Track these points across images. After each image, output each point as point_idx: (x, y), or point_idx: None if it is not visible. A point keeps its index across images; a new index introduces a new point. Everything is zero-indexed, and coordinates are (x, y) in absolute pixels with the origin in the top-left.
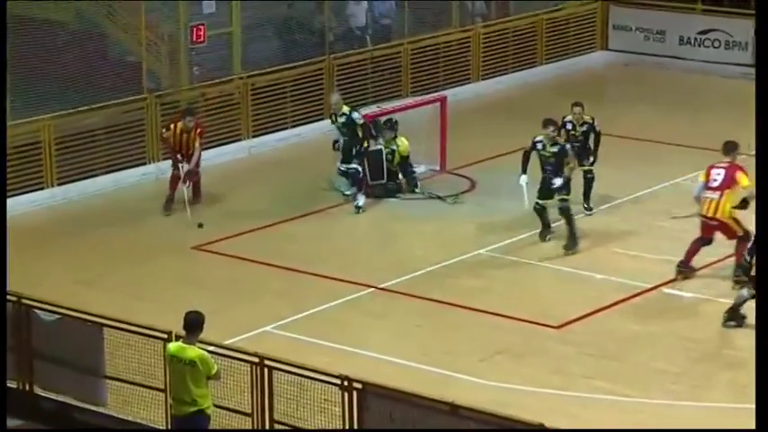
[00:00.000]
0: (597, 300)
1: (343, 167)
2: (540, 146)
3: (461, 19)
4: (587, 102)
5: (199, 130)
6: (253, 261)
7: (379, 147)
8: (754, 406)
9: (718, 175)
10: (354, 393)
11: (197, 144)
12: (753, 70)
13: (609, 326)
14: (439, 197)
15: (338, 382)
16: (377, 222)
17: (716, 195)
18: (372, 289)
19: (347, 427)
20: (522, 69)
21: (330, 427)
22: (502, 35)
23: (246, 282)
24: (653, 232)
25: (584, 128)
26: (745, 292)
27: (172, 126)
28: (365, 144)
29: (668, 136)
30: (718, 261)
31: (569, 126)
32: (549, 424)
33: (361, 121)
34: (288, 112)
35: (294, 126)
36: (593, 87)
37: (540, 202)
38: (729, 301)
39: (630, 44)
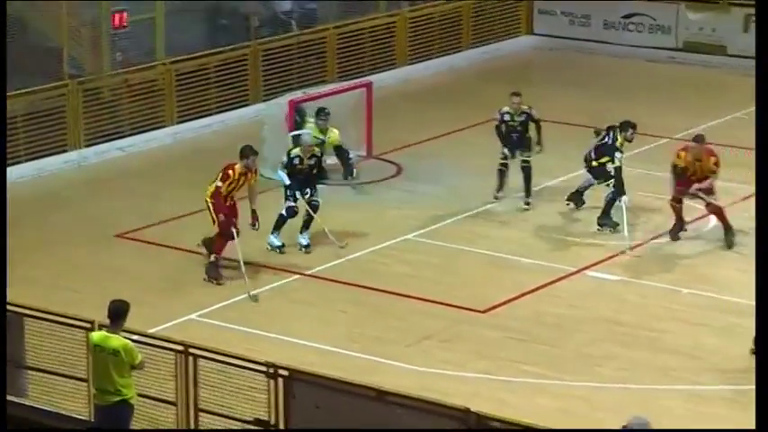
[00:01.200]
0: (524, 284)
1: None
2: (507, 117)
3: (387, 3)
4: (513, 86)
5: (255, 169)
6: (177, 249)
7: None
8: (680, 387)
9: None
10: (281, 381)
11: (255, 182)
12: (678, 54)
13: (535, 309)
14: (347, 182)
15: (264, 369)
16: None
17: None
18: (298, 276)
19: (273, 414)
20: (448, 54)
21: (256, 415)
22: (428, 20)
23: (170, 270)
24: (579, 216)
25: (522, 117)
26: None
27: (230, 172)
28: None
29: (595, 120)
30: (642, 244)
31: (507, 117)
32: (475, 408)
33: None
34: (212, 99)
35: (219, 112)
36: (519, 71)
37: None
38: (654, 284)
39: (555, 29)
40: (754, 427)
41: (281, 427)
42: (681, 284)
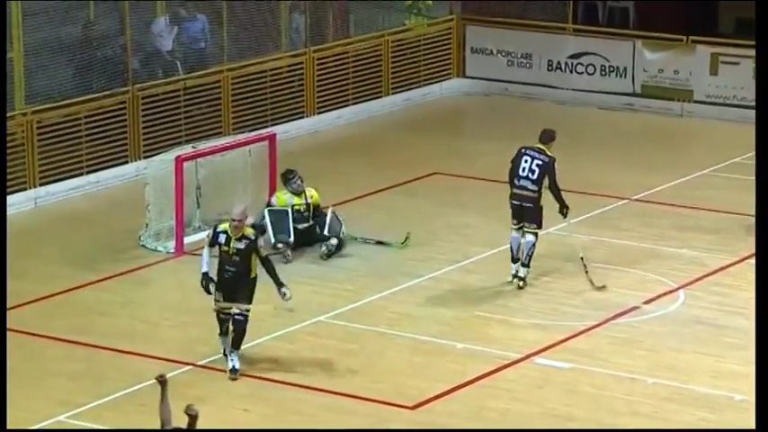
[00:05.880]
0: (459, 374)
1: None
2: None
3: (291, 41)
4: (442, 137)
5: None
6: (41, 336)
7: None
8: None
9: None
10: None
11: None
12: (634, 100)
13: (474, 404)
14: (381, 242)
15: None
16: (194, 287)
17: None
18: (190, 366)
19: None
20: (366, 100)
21: None
22: (340, 61)
23: (34, 362)
24: (519, 291)
25: None
26: None
27: None
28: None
29: None
30: (597, 326)
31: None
32: None
33: (264, 253)
34: (83, 155)
35: (90, 171)
36: (448, 121)
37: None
38: (612, 372)
39: (491, 70)
40: None
41: None
42: (642, 372)
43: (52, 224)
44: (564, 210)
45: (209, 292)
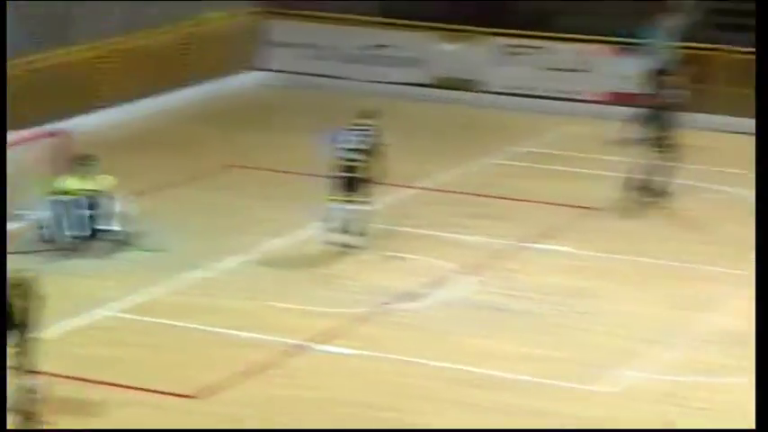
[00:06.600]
0: (245, 362)
1: None
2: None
3: (88, 33)
4: (241, 130)
5: None
6: None
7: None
8: None
9: None
10: None
11: None
12: (432, 92)
13: (260, 393)
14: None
15: None
16: None
17: None
18: None
19: None
20: (161, 94)
21: None
22: (134, 53)
23: None
24: (299, 277)
25: None
26: None
27: None
28: None
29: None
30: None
31: None
32: None
33: None
34: None
35: None
36: (247, 114)
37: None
38: (394, 356)
39: (290, 63)
40: None
41: None
42: (429, 357)
43: None
44: (382, 174)
45: None
